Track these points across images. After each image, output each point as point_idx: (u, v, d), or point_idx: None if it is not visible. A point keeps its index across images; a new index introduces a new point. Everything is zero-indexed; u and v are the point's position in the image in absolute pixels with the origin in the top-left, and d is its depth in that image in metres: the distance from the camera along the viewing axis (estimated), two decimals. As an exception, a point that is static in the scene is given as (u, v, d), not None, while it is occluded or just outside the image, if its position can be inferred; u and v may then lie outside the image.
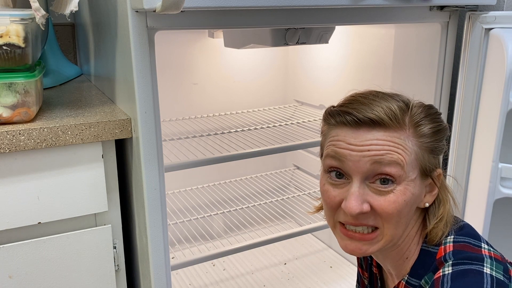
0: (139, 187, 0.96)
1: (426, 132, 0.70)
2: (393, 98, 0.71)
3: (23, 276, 0.96)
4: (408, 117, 0.69)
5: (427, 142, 0.70)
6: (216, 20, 0.90)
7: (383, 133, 0.67)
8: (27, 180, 0.92)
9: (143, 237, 1.00)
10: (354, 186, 0.68)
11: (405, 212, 0.69)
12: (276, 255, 1.76)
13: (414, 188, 0.69)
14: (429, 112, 0.72)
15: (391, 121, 0.67)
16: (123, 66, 0.94)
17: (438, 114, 0.74)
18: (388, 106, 0.68)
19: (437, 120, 0.73)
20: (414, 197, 0.69)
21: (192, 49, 1.62)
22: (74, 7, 0.90)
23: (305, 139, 1.40)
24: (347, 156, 0.68)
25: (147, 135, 0.91)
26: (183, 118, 1.64)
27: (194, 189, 1.73)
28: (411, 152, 0.68)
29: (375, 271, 0.88)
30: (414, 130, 0.69)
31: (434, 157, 0.72)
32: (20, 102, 0.91)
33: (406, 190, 0.68)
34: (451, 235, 0.72)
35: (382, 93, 0.73)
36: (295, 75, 1.82)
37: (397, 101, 0.70)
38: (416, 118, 0.70)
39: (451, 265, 0.66)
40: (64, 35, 1.55)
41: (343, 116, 0.69)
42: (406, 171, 0.67)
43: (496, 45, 1.07)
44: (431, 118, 0.72)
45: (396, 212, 0.68)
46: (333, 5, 0.94)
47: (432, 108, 0.74)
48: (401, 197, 0.68)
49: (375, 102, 0.69)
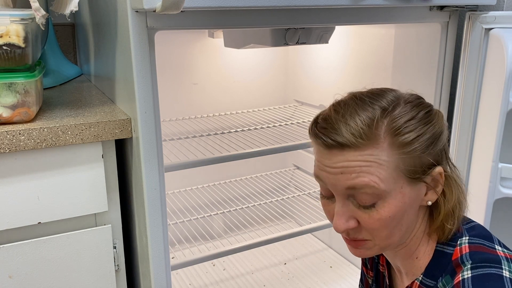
0: (139, 187, 0.96)
1: (409, 140, 0.65)
2: (372, 104, 0.67)
3: (23, 276, 0.96)
4: (385, 126, 0.65)
5: (412, 150, 0.65)
6: (216, 20, 0.90)
7: (353, 154, 0.65)
8: (27, 180, 0.92)
9: (143, 237, 1.00)
10: (337, 205, 0.69)
11: (395, 224, 0.68)
12: (276, 255, 1.76)
13: (403, 198, 0.67)
14: (413, 115, 0.67)
15: (360, 140, 0.64)
16: (123, 66, 0.94)
17: (427, 113, 0.69)
18: (356, 123, 0.65)
19: (425, 122, 0.68)
20: (406, 205, 0.68)
21: (192, 49, 1.62)
22: (74, 7, 0.90)
23: (305, 139, 1.40)
24: (324, 178, 0.69)
25: (147, 135, 0.91)
26: (183, 118, 1.64)
27: (194, 189, 1.73)
28: (388, 166, 0.65)
29: (382, 269, 0.87)
30: (392, 141, 0.65)
31: (426, 159, 0.67)
32: (20, 102, 0.91)
33: (391, 204, 0.66)
34: (465, 236, 0.71)
35: (361, 99, 0.69)
36: (295, 75, 1.82)
37: (373, 110, 0.66)
38: (395, 126, 0.65)
39: (470, 268, 0.65)
40: (64, 35, 1.55)
41: (315, 138, 0.69)
42: (384, 188, 0.65)
43: (496, 45, 1.07)
44: (417, 122, 0.67)
45: (383, 228, 0.68)
46: (333, 5, 0.94)
47: (418, 106, 0.69)
48: (385, 213, 0.66)
49: (346, 120, 0.66)
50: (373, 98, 0.69)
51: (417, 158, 0.66)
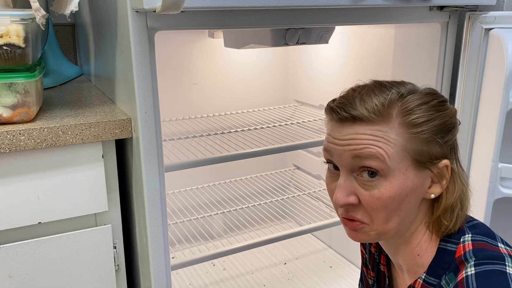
0: (139, 187, 0.96)
1: (419, 122, 0.67)
2: (390, 88, 0.71)
3: (23, 276, 0.96)
4: (398, 107, 0.68)
5: (420, 131, 0.67)
6: (216, 20, 0.90)
7: (364, 127, 0.68)
8: (27, 180, 0.92)
9: (143, 237, 1.00)
10: (341, 178, 0.70)
11: (394, 207, 0.68)
12: (276, 255, 1.76)
13: (405, 181, 0.68)
14: (426, 100, 0.70)
15: (372, 115, 0.67)
16: (123, 66, 0.95)
17: (440, 102, 0.71)
18: (372, 100, 0.68)
19: (437, 109, 0.70)
20: (408, 189, 0.68)
21: (192, 49, 1.62)
22: (74, 7, 0.90)
23: (305, 139, 1.40)
24: (332, 150, 0.71)
25: (147, 135, 0.91)
26: (183, 118, 1.64)
27: (194, 189, 1.73)
28: (395, 144, 0.67)
29: (383, 269, 0.87)
30: (402, 120, 0.67)
31: (435, 147, 0.69)
32: (20, 102, 0.91)
33: (393, 184, 0.67)
34: (468, 234, 0.71)
35: (380, 83, 0.73)
36: (295, 75, 1.82)
37: (391, 93, 0.69)
38: (407, 107, 0.68)
39: (474, 265, 0.65)
40: (64, 35, 1.55)
41: (330, 113, 0.73)
42: (389, 164, 0.67)
43: (496, 45, 1.07)
44: (428, 107, 0.69)
45: (382, 208, 0.68)
46: (333, 5, 0.94)
47: (433, 95, 0.72)
48: (386, 193, 0.67)
49: (362, 97, 0.69)
50: (393, 84, 0.72)
51: (425, 143, 0.68)
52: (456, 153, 0.74)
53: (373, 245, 0.89)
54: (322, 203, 1.75)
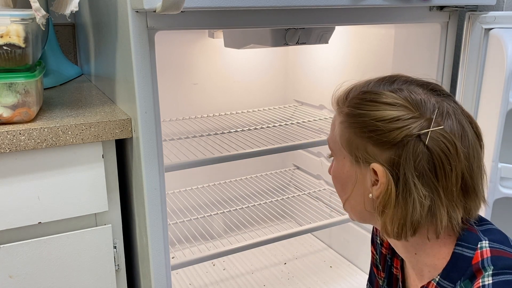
0: (139, 187, 0.96)
1: (354, 112, 0.71)
2: (378, 85, 0.73)
3: (24, 276, 0.96)
4: (352, 96, 0.73)
5: (353, 122, 0.70)
6: (216, 20, 0.90)
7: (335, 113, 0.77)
8: (28, 180, 0.92)
9: (143, 237, 1.00)
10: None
11: (338, 187, 0.77)
12: (276, 255, 1.76)
13: (342, 167, 0.74)
14: (373, 98, 0.69)
15: (335, 103, 0.76)
16: (123, 66, 0.95)
17: (376, 96, 0.69)
18: (344, 91, 0.75)
19: (368, 101, 0.70)
20: (344, 176, 0.74)
21: (192, 49, 1.62)
22: (74, 7, 0.90)
23: (305, 139, 1.40)
24: None
25: (147, 135, 0.91)
26: (183, 118, 1.64)
27: (194, 189, 1.73)
28: (337, 131, 0.74)
29: (396, 272, 0.86)
30: (347, 110, 0.72)
31: (371, 147, 0.67)
32: (20, 102, 0.91)
33: (335, 166, 0.77)
34: (484, 240, 0.69)
35: (382, 80, 0.75)
36: (295, 75, 1.82)
37: (365, 86, 0.74)
38: (355, 98, 0.72)
39: (492, 275, 0.64)
40: (64, 35, 1.55)
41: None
42: (332, 147, 0.76)
43: (496, 45, 1.07)
44: (369, 102, 0.69)
45: (334, 183, 0.78)
46: (333, 5, 0.94)
47: (387, 83, 0.72)
48: (332, 171, 0.78)
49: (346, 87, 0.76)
50: (384, 80, 0.74)
51: (359, 138, 0.70)
52: (416, 173, 0.66)
53: (385, 246, 0.88)
54: (322, 203, 1.75)
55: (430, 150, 0.65)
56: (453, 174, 0.66)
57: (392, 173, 0.66)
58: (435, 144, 0.65)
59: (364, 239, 1.62)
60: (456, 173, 0.66)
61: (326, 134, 1.51)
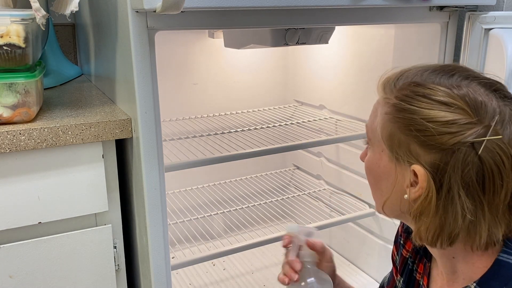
0: (139, 187, 0.96)
1: (403, 106, 0.63)
2: (434, 77, 0.64)
3: (24, 276, 0.96)
4: (401, 80, 0.66)
5: (396, 115, 0.64)
6: (216, 20, 0.90)
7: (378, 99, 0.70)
8: (28, 180, 0.92)
9: (143, 237, 1.00)
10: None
11: (371, 180, 0.71)
12: (276, 255, 1.76)
13: (379, 161, 0.68)
14: (428, 93, 0.61)
15: (380, 88, 0.68)
16: (123, 66, 0.95)
17: (431, 92, 0.61)
18: (392, 76, 0.68)
19: (420, 95, 0.62)
20: (380, 171, 0.68)
21: (192, 49, 1.62)
22: (74, 8, 0.90)
23: (305, 139, 1.40)
24: None
25: (147, 135, 0.91)
26: (183, 118, 1.65)
27: (194, 189, 1.73)
28: (377, 120, 0.67)
29: (418, 277, 0.80)
30: (395, 101, 0.64)
31: (415, 146, 0.61)
32: (20, 102, 0.91)
33: (370, 157, 0.70)
34: None
35: (439, 68, 0.66)
36: (295, 75, 1.82)
37: (417, 76, 0.65)
38: (405, 90, 0.64)
39: None
40: (64, 35, 1.55)
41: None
42: (370, 136, 0.70)
43: (496, 45, 1.07)
44: (428, 100, 0.61)
45: (366, 174, 0.72)
46: (333, 5, 0.94)
47: (437, 75, 0.63)
48: (366, 161, 0.72)
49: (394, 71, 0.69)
50: (448, 73, 0.65)
51: (403, 135, 0.63)
52: (464, 183, 0.60)
53: (406, 248, 0.84)
54: (322, 203, 1.75)
55: (482, 161, 0.58)
56: (503, 190, 0.59)
57: (435, 179, 0.60)
58: (489, 155, 0.58)
59: (364, 239, 1.62)
60: (506, 189, 0.59)
61: (326, 134, 1.51)
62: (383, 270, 1.55)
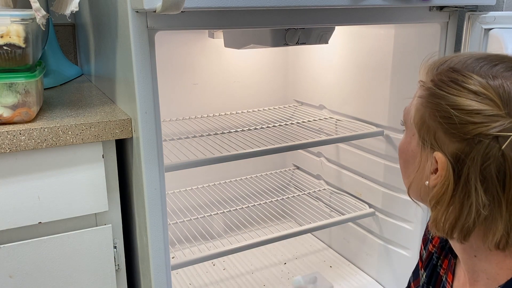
0: (139, 187, 0.97)
1: (437, 92, 0.61)
2: (475, 65, 0.62)
3: (24, 276, 0.96)
4: (444, 65, 0.64)
5: (427, 99, 0.63)
6: (216, 20, 0.90)
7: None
8: (28, 180, 0.92)
9: (143, 237, 1.00)
10: None
11: (402, 162, 0.71)
12: (276, 255, 1.76)
13: (409, 145, 0.68)
14: (463, 83, 0.59)
15: (422, 72, 0.68)
16: (123, 66, 0.95)
17: (464, 79, 0.60)
18: (435, 61, 0.67)
19: (453, 81, 0.60)
20: (409, 154, 0.68)
21: (192, 49, 1.62)
22: (74, 8, 0.90)
23: (305, 139, 1.40)
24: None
25: (147, 135, 0.91)
26: (183, 118, 1.65)
27: (194, 189, 1.73)
28: (413, 102, 0.67)
29: (442, 273, 0.79)
30: (430, 85, 0.63)
31: (441, 133, 0.61)
32: (20, 102, 0.91)
33: (404, 139, 0.70)
34: None
35: (485, 57, 0.64)
36: (295, 75, 1.82)
37: (457, 63, 0.64)
38: (442, 75, 0.63)
39: None
40: (64, 35, 1.55)
41: None
42: (405, 119, 0.70)
43: (496, 45, 1.07)
44: (459, 87, 0.59)
45: (398, 150, 0.72)
46: (333, 5, 0.94)
47: (475, 67, 0.61)
48: (400, 143, 0.71)
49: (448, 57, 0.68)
50: (491, 61, 0.63)
51: (431, 120, 0.62)
52: (486, 174, 0.58)
53: (433, 243, 0.83)
54: (322, 203, 1.75)
55: (505, 156, 0.56)
56: None
57: (454, 169, 0.59)
58: None
59: (364, 239, 1.62)
60: None
61: (326, 134, 1.51)
62: (383, 270, 1.55)
